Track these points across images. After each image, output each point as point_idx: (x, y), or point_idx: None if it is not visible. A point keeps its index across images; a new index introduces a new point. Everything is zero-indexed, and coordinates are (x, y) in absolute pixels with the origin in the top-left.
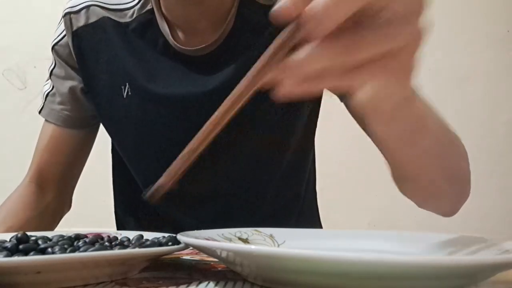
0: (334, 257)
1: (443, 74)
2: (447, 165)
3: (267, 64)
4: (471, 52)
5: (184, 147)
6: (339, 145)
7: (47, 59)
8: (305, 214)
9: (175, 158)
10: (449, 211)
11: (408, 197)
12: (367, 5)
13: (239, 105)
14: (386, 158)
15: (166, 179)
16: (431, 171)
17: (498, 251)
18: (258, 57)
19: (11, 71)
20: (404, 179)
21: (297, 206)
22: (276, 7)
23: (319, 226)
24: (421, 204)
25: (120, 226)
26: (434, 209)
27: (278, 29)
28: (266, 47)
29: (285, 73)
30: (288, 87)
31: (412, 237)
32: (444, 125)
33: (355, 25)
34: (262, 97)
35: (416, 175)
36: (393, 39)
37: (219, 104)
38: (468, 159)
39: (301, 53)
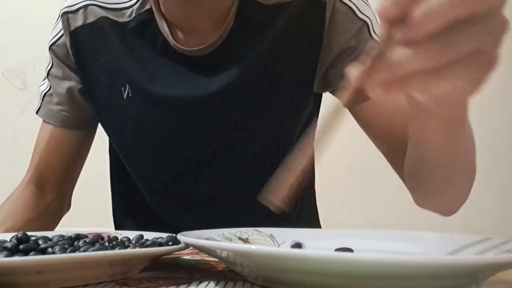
0: (334, 257)
1: None
2: (468, 159)
3: (374, 63)
4: None
5: (183, 148)
6: (339, 145)
7: (47, 59)
8: (304, 214)
9: (174, 159)
10: (449, 209)
11: (413, 192)
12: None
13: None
14: (407, 153)
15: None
16: (454, 165)
17: (498, 251)
18: (258, 57)
19: (11, 71)
20: (425, 176)
21: (296, 206)
22: (381, 5)
23: (318, 226)
24: (423, 202)
25: (118, 227)
26: (435, 208)
27: (279, 29)
28: (266, 47)
29: (380, 73)
30: (379, 88)
31: (412, 237)
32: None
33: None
34: (263, 100)
35: (434, 168)
36: (486, 35)
37: (218, 107)
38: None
39: (399, 53)
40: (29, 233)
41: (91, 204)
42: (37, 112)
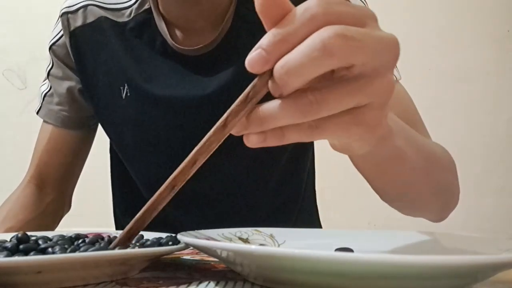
0: (334, 257)
1: (443, 74)
2: (430, 182)
3: (235, 115)
4: (471, 52)
5: (182, 148)
6: None
7: (47, 59)
8: (304, 214)
9: (173, 159)
10: (435, 219)
11: (398, 211)
12: (340, 66)
13: (210, 154)
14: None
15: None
16: (413, 191)
17: (498, 251)
18: None
19: (11, 71)
20: (389, 200)
21: (296, 206)
22: (249, 56)
23: (319, 226)
24: (409, 215)
25: (119, 226)
26: (422, 217)
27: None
28: None
29: (250, 127)
30: (254, 139)
31: (412, 237)
32: (424, 144)
33: (323, 79)
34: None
35: (398, 196)
36: (361, 93)
37: (217, 107)
38: (456, 172)
39: (267, 108)
40: (29, 233)
41: (91, 204)
42: (37, 113)
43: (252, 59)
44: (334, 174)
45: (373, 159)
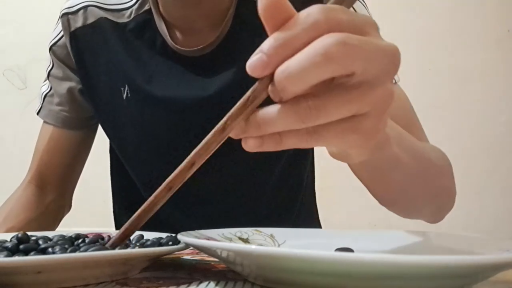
0: (334, 257)
1: (443, 74)
2: (426, 187)
3: (234, 118)
4: (471, 52)
5: (182, 149)
6: None
7: (48, 59)
8: (304, 214)
9: (173, 159)
10: (431, 221)
11: (395, 214)
12: (340, 73)
13: (208, 156)
14: (366, 188)
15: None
16: (409, 195)
17: (498, 251)
18: None
19: (11, 71)
20: (386, 204)
21: (296, 206)
22: (250, 60)
23: (318, 226)
24: (405, 217)
25: (119, 226)
26: (418, 219)
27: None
28: None
29: (248, 131)
30: (252, 143)
31: (412, 237)
32: (420, 150)
33: (323, 86)
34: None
35: (393, 200)
36: (360, 102)
37: (217, 108)
38: (452, 175)
39: (266, 112)
40: (29, 233)
41: (91, 204)
42: (38, 113)
43: (253, 63)
44: (334, 174)
45: (370, 166)
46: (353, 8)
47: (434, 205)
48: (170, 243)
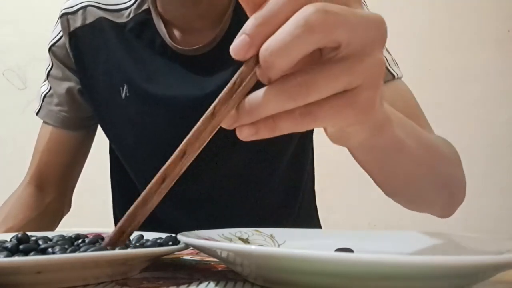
0: (334, 257)
1: (443, 74)
2: (434, 175)
3: (223, 103)
4: (471, 52)
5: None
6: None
7: (48, 59)
8: (304, 215)
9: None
10: (443, 214)
11: (402, 205)
12: (325, 43)
13: (202, 145)
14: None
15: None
16: (416, 184)
17: (498, 251)
18: None
19: (11, 71)
20: (391, 194)
21: (295, 207)
22: (233, 43)
23: (318, 226)
24: (414, 210)
25: None
26: (428, 213)
27: None
28: None
29: (240, 119)
30: (246, 132)
31: (412, 237)
32: (426, 137)
33: (310, 61)
34: None
35: (400, 189)
36: (350, 74)
37: None
38: (461, 165)
39: (255, 96)
40: (29, 233)
41: (91, 204)
42: (37, 114)
43: (236, 46)
44: (334, 174)
45: (372, 150)
46: None
47: (444, 195)
48: (170, 243)
